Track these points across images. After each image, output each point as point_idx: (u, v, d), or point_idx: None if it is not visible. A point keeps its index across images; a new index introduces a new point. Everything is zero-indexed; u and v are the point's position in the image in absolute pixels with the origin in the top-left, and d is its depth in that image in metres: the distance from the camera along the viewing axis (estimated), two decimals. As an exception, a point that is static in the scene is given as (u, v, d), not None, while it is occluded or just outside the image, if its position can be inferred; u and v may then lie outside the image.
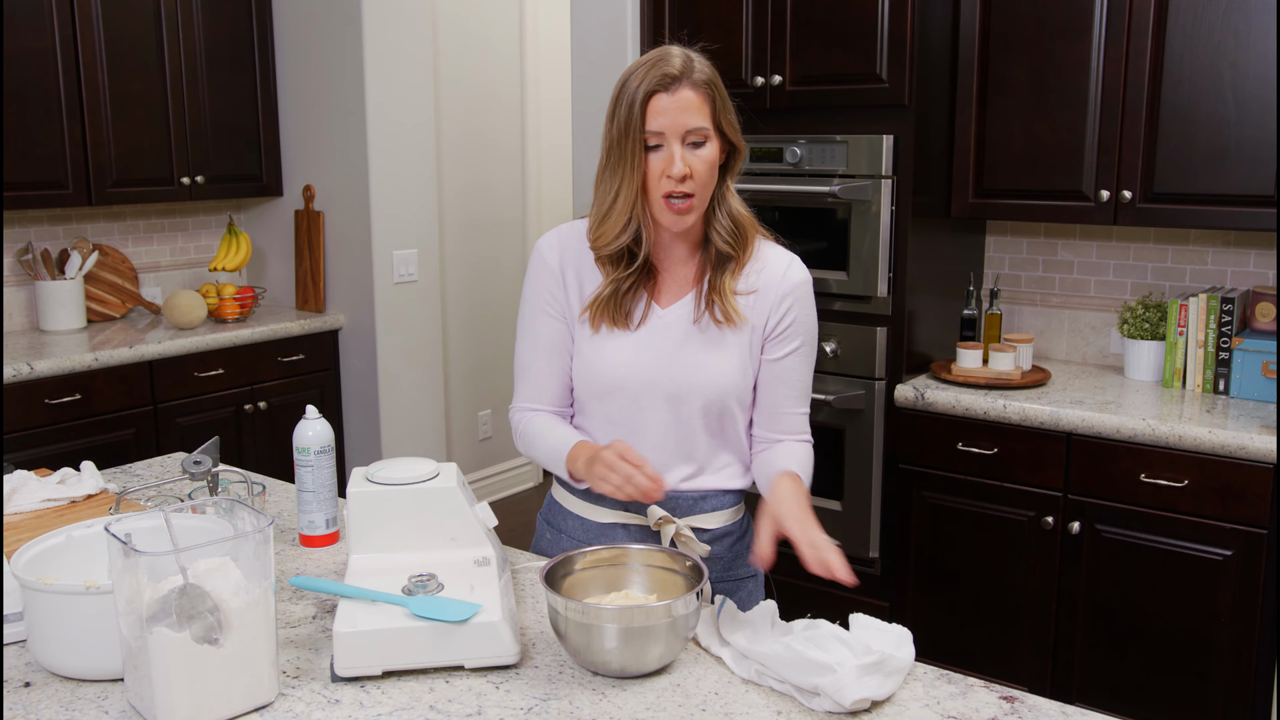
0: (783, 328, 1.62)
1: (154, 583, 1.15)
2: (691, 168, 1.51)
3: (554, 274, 1.65)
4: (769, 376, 1.64)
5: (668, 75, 1.50)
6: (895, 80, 2.79)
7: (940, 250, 3.05)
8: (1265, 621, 2.44)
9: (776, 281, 1.61)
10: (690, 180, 1.51)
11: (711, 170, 1.54)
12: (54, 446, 3.16)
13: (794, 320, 1.62)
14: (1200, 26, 2.59)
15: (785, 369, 1.63)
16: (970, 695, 1.27)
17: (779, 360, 1.63)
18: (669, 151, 1.51)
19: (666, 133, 1.50)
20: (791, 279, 1.62)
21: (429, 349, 4.18)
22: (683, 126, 1.50)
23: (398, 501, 1.44)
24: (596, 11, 3.49)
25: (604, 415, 1.63)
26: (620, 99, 1.53)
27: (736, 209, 1.61)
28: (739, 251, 1.60)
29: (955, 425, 2.80)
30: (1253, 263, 2.90)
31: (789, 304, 1.61)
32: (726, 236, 1.59)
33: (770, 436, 1.67)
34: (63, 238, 3.73)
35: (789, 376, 1.64)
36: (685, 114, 1.50)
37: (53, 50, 3.33)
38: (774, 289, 1.61)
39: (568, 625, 1.28)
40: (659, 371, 1.59)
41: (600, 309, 1.60)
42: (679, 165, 1.50)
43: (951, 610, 2.88)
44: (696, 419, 1.61)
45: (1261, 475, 2.41)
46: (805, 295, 1.64)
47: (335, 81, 3.86)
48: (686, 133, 1.51)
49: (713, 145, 1.54)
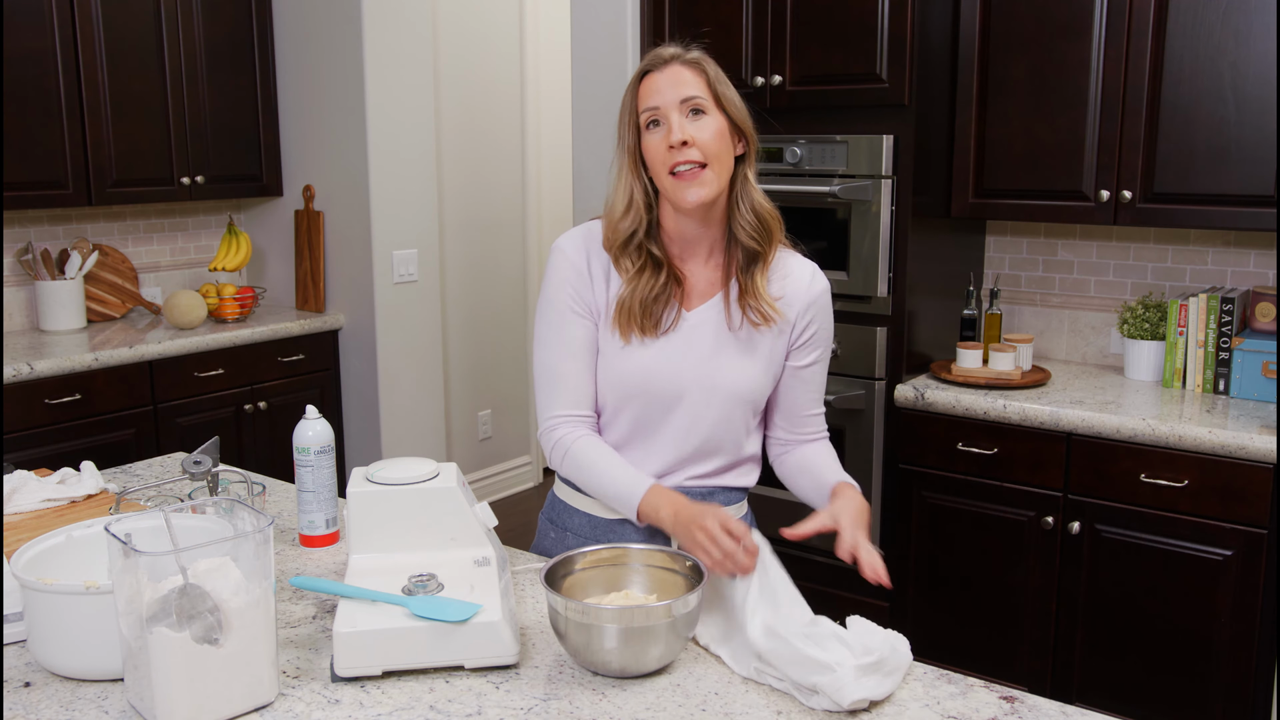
0: (807, 337, 1.65)
1: (154, 583, 1.15)
2: (692, 136, 1.52)
3: (580, 271, 1.62)
4: (792, 381, 1.67)
5: (659, 57, 1.56)
6: (895, 80, 2.79)
7: (940, 250, 3.05)
8: (1265, 621, 2.44)
9: (803, 290, 1.63)
10: (694, 148, 1.52)
11: (718, 141, 1.53)
12: (54, 446, 3.16)
13: (818, 330, 1.65)
14: (1200, 26, 2.59)
15: (808, 375, 1.67)
16: (970, 695, 1.27)
17: (803, 368, 1.66)
18: (668, 124, 1.53)
19: (663, 107, 1.53)
20: (816, 288, 1.64)
21: (429, 349, 4.18)
22: (677, 97, 1.53)
23: (398, 501, 1.44)
24: (596, 11, 3.49)
25: (626, 418, 1.62)
26: (624, 96, 1.59)
27: (759, 201, 1.60)
28: (765, 246, 1.60)
29: (955, 425, 2.80)
30: (1253, 263, 2.90)
31: (813, 313, 1.64)
32: (751, 231, 1.58)
33: (794, 438, 1.71)
34: (63, 238, 3.73)
35: (812, 380, 1.68)
36: (678, 86, 1.53)
37: (53, 50, 3.33)
38: (800, 297, 1.63)
39: (568, 625, 1.28)
40: (687, 376, 1.60)
41: (626, 318, 1.58)
42: (677, 132, 1.51)
43: (951, 610, 2.88)
44: (717, 421, 1.61)
45: (1261, 475, 2.41)
46: (827, 304, 1.67)
47: (335, 81, 3.86)
48: (682, 102, 1.53)
49: (715, 118, 1.54)
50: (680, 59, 1.55)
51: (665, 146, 1.52)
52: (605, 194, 1.65)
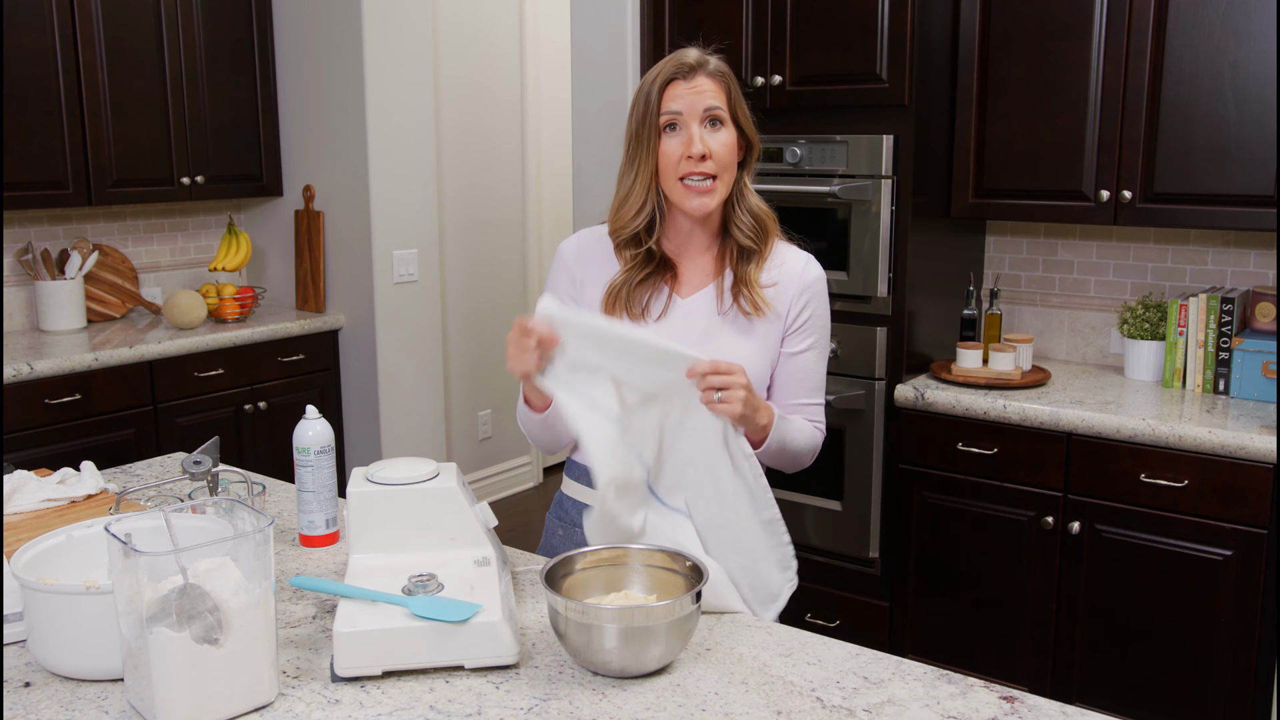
0: (800, 322, 1.66)
1: (154, 583, 1.15)
2: (710, 149, 1.56)
3: (569, 273, 1.70)
4: (785, 369, 1.68)
5: (684, 64, 1.59)
6: (895, 80, 2.79)
7: (940, 250, 3.05)
8: (1265, 621, 2.44)
9: (796, 276, 1.66)
10: (710, 161, 1.56)
11: (731, 153, 1.59)
12: (54, 446, 3.16)
13: (811, 315, 1.67)
14: (1200, 26, 2.59)
15: (800, 363, 1.68)
16: (970, 695, 1.27)
17: (796, 355, 1.67)
18: (687, 133, 1.57)
19: (684, 113, 1.57)
20: (810, 274, 1.67)
21: (429, 349, 4.18)
22: (700, 107, 1.57)
23: (398, 501, 1.44)
24: (596, 11, 3.49)
25: None
26: (639, 92, 1.61)
27: (756, 204, 1.66)
28: (761, 245, 1.64)
29: (955, 425, 2.80)
30: (1253, 263, 2.90)
31: (807, 298, 1.66)
32: (748, 231, 1.64)
33: None
34: (63, 238, 3.73)
35: (805, 369, 1.68)
36: (701, 96, 1.57)
37: (53, 50, 3.33)
38: (793, 283, 1.66)
39: (568, 625, 1.28)
40: None
41: (614, 299, 1.64)
42: (698, 144, 1.55)
43: (951, 610, 2.88)
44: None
45: (1261, 475, 2.41)
46: (821, 292, 1.69)
47: (335, 81, 3.86)
48: (705, 112, 1.57)
49: (730, 131, 1.59)
50: (705, 69, 1.59)
51: (681, 154, 1.57)
52: (610, 189, 1.69)
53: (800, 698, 1.26)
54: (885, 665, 1.34)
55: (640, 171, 1.61)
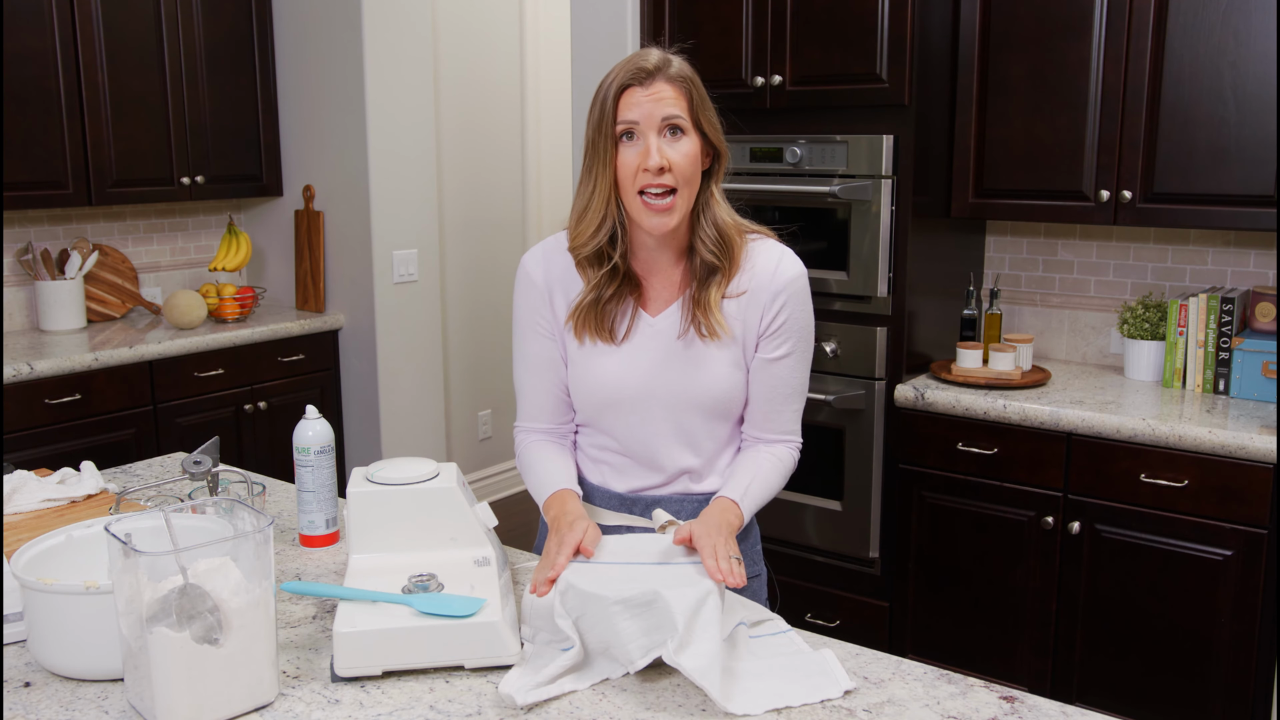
0: (775, 326, 1.57)
1: (154, 583, 1.15)
2: (669, 160, 1.46)
3: (540, 291, 1.61)
4: (762, 377, 1.60)
5: (642, 69, 1.48)
6: (895, 80, 2.79)
7: (940, 250, 3.05)
8: (1265, 621, 2.44)
9: (767, 280, 1.56)
10: (669, 174, 1.47)
11: (693, 165, 1.49)
12: (54, 446, 3.16)
13: (787, 319, 1.57)
14: (1200, 26, 2.59)
15: (779, 370, 1.59)
16: (970, 695, 1.27)
17: (773, 361, 1.59)
18: (645, 144, 1.47)
19: (641, 123, 1.47)
20: (783, 276, 1.56)
21: (429, 349, 4.18)
22: (657, 116, 1.47)
23: (398, 501, 1.44)
24: (596, 11, 3.49)
25: (609, 426, 1.62)
26: (595, 97, 1.51)
27: (722, 218, 1.55)
28: (725, 263, 1.55)
29: (955, 425, 2.80)
30: (1253, 263, 2.90)
31: (782, 301, 1.56)
32: (712, 246, 1.54)
33: (755, 435, 1.64)
34: (63, 238, 3.73)
35: (783, 376, 1.60)
36: (660, 104, 1.47)
37: (53, 50, 3.33)
38: (765, 289, 1.56)
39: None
40: (652, 382, 1.57)
41: (582, 319, 1.56)
42: (655, 156, 1.46)
43: (951, 610, 2.88)
44: (699, 424, 1.60)
45: (1261, 475, 2.41)
46: (798, 291, 1.58)
47: (335, 81, 3.86)
48: (663, 121, 1.47)
49: (692, 140, 1.49)
50: (665, 74, 1.48)
51: (638, 165, 1.47)
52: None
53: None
54: (885, 665, 1.34)
55: (599, 182, 1.50)
